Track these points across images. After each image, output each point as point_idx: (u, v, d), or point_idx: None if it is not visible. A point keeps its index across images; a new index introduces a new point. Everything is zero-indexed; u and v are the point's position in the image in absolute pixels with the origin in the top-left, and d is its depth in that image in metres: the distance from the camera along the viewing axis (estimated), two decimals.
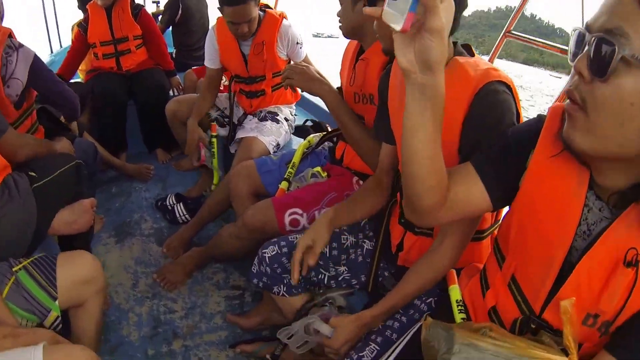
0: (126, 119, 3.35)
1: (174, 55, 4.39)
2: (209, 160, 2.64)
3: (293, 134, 2.70)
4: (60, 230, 1.80)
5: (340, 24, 1.69)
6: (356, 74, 1.72)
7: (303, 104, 3.22)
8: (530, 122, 0.97)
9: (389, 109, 1.38)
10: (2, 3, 1.91)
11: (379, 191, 1.54)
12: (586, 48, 0.71)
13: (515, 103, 1.10)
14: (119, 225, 2.71)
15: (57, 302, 1.40)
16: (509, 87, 1.09)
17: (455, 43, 1.19)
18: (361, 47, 1.76)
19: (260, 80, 2.58)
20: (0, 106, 1.75)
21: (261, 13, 2.46)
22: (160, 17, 4.41)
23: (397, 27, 0.71)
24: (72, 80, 3.41)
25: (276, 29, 2.45)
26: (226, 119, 2.68)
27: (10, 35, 1.85)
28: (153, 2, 5.91)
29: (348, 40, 1.84)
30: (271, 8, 2.60)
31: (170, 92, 3.58)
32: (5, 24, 1.95)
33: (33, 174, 1.70)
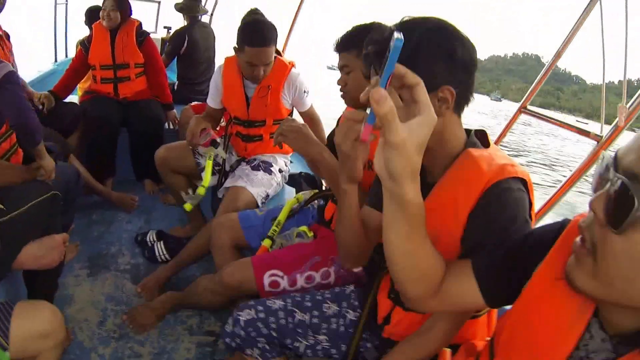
0: (117, 145, 3.30)
1: (175, 87, 4.38)
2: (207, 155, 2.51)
3: (286, 183, 2.64)
4: (26, 264, 1.69)
5: (343, 93, 1.65)
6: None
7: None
8: (549, 229, 0.91)
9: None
10: None
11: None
12: (607, 186, 0.65)
13: (529, 198, 1.05)
14: (94, 256, 2.61)
15: (7, 352, 1.32)
16: (525, 183, 1.04)
17: (469, 132, 1.14)
18: None
19: (260, 125, 2.53)
20: None
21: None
22: (166, 49, 4.42)
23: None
24: (67, 100, 3.38)
25: (284, 75, 2.41)
26: (217, 167, 2.60)
27: None
28: (164, 27, 5.96)
29: None
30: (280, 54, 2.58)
31: (166, 126, 3.55)
32: (14, 27, 1.86)
33: (1, 206, 1.61)
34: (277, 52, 2.68)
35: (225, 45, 4.20)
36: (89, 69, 3.42)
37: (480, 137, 1.15)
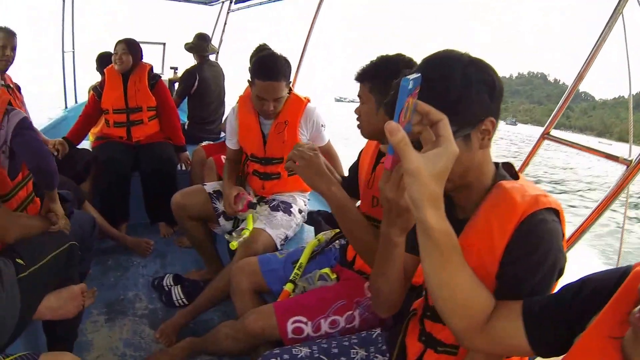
0: (130, 189, 3.31)
1: (186, 127, 4.40)
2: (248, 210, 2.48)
3: (304, 222, 2.60)
4: (45, 315, 1.71)
5: (359, 123, 1.63)
6: (375, 177, 1.65)
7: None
8: (608, 277, 0.87)
9: (360, 183, 1.31)
10: None
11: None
12: None
13: (562, 228, 1.02)
14: (112, 302, 2.60)
15: None
16: (557, 213, 1.02)
17: (497, 165, 1.12)
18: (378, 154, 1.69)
19: (277, 162, 2.50)
20: None
21: (286, 95, 2.43)
22: (176, 88, 4.44)
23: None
24: (79, 146, 3.40)
25: (301, 110, 2.41)
26: None
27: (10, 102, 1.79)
28: (171, 68, 6.06)
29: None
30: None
31: (178, 167, 3.56)
32: (22, 73, 1.88)
33: (20, 261, 1.60)
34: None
35: (232, 84, 4.25)
36: (101, 114, 3.45)
37: (507, 170, 1.13)
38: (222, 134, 4.32)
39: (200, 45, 4.53)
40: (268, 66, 2.25)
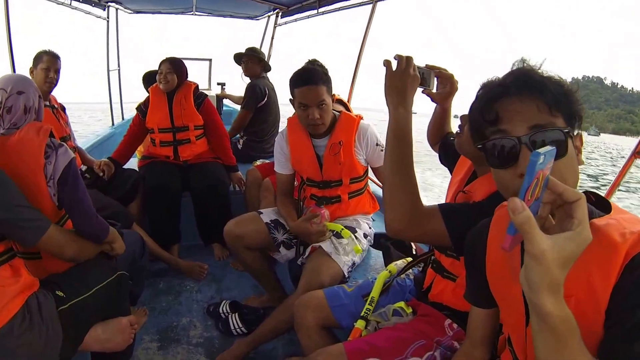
0: (180, 210, 3.27)
1: (240, 145, 4.34)
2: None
3: (370, 245, 2.49)
4: (92, 347, 1.73)
5: (457, 143, 1.54)
6: (462, 196, 1.54)
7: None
8: None
9: (488, 272, 1.16)
10: (39, 97, 1.85)
11: None
12: None
13: None
14: (164, 329, 2.55)
15: None
16: None
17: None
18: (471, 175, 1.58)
19: (336, 186, 2.41)
20: (42, 206, 1.67)
21: (336, 113, 2.38)
22: (245, 102, 4.30)
23: (501, 244, 0.74)
24: (125, 166, 3.40)
25: (354, 128, 2.32)
26: (293, 240, 2.46)
27: (51, 133, 1.79)
28: (218, 84, 6.04)
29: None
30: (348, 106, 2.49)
31: (231, 187, 3.49)
32: (70, 94, 1.88)
33: (61, 293, 1.62)
34: (344, 104, 2.57)
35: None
36: (147, 133, 3.46)
37: (598, 202, 1.00)
38: None
39: (263, 58, 4.50)
40: (304, 72, 2.26)
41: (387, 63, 1.39)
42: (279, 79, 4.47)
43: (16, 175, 1.57)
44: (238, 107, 5.49)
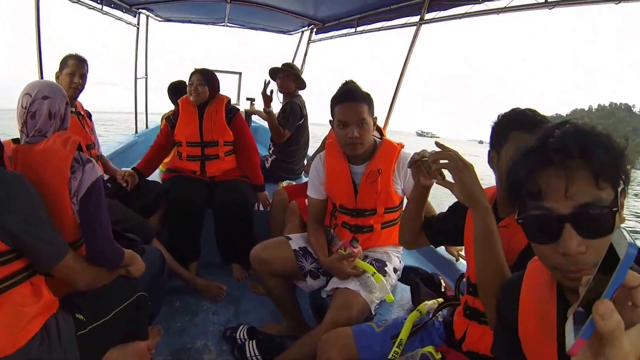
0: (202, 227, 3.22)
1: (267, 164, 4.28)
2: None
3: (398, 279, 2.41)
4: None
5: (495, 171, 1.48)
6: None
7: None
8: None
9: (520, 330, 1.08)
10: (65, 104, 1.79)
11: None
12: None
13: None
14: (178, 350, 2.48)
15: None
16: None
17: None
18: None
19: (369, 215, 2.32)
20: (64, 224, 1.62)
21: (377, 139, 2.31)
22: (285, 119, 4.16)
23: (567, 347, 0.65)
24: (149, 178, 3.37)
25: (394, 157, 2.26)
26: (321, 270, 2.38)
27: (79, 145, 1.73)
28: (247, 99, 5.97)
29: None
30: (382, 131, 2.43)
31: (255, 207, 3.43)
32: (95, 101, 1.84)
33: (81, 316, 1.57)
34: (379, 129, 2.51)
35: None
36: (174, 146, 3.41)
37: None
38: (304, 177, 4.13)
39: (300, 75, 4.39)
40: (346, 90, 2.23)
41: (436, 168, 1.40)
42: (307, 98, 4.40)
43: (39, 186, 1.51)
44: (266, 124, 5.43)
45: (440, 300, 1.93)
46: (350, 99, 2.16)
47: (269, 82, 4.06)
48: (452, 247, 2.63)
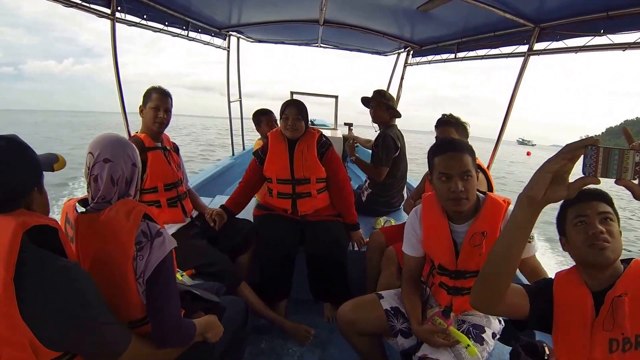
0: (294, 267, 3.16)
1: (364, 197, 4.21)
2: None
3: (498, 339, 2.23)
4: None
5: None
6: None
7: None
8: None
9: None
10: (132, 165, 1.68)
11: None
12: None
13: None
14: None
15: None
16: None
17: None
18: None
19: (471, 277, 2.12)
20: (128, 304, 1.54)
21: (481, 196, 2.13)
22: (378, 157, 4.07)
23: None
24: (238, 216, 3.34)
25: (501, 216, 2.05)
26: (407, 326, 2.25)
27: (147, 214, 1.59)
28: (345, 124, 5.78)
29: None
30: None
31: (350, 247, 3.33)
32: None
33: None
34: (483, 170, 2.36)
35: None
36: (264, 182, 3.37)
37: None
38: (404, 212, 3.89)
39: (392, 105, 4.24)
40: (447, 140, 2.14)
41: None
42: (401, 124, 4.26)
43: (102, 264, 1.45)
44: (365, 150, 5.35)
45: None
46: (452, 149, 2.04)
47: (351, 127, 3.98)
48: None
